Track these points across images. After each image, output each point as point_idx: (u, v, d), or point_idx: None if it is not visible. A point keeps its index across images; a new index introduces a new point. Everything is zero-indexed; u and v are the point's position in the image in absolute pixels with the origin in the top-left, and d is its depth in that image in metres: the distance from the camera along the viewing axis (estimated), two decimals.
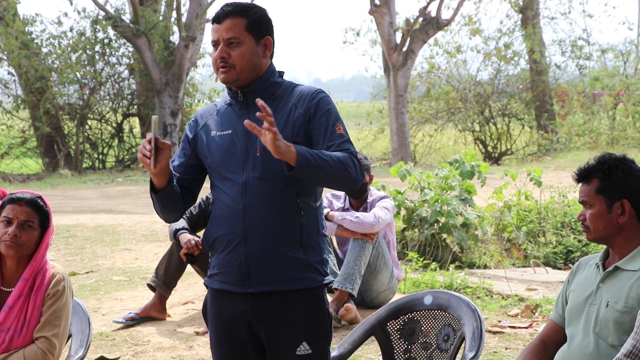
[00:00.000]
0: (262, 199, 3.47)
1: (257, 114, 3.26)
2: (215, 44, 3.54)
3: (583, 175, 3.78)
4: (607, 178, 3.72)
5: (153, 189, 3.52)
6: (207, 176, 3.68)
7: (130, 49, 22.64)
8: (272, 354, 3.57)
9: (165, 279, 6.91)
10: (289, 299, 3.52)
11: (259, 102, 3.27)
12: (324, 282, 3.59)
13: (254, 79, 3.55)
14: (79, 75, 22.31)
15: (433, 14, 21.37)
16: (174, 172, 3.58)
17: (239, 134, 3.52)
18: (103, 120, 23.40)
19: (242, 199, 3.48)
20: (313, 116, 3.50)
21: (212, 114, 3.64)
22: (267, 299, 3.52)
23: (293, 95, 3.56)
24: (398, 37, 21.30)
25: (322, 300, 3.60)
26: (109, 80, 23.24)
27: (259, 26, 3.54)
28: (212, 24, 3.57)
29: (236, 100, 3.59)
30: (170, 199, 3.53)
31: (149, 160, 3.37)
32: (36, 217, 4.22)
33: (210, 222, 3.60)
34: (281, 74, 3.63)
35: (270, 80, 3.58)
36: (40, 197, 4.28)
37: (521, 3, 25.25)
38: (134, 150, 23.54)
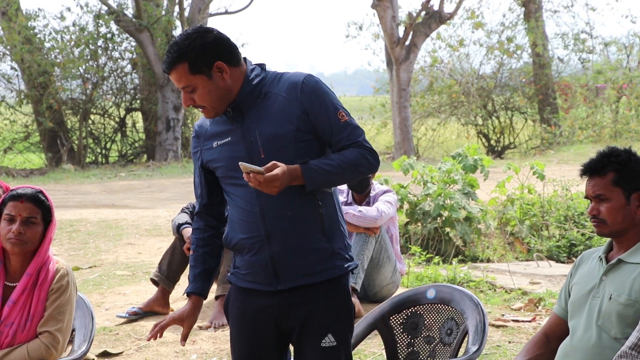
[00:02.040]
0: (278, 198, 3.41)
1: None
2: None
3: (597, 168, 3.70)
4: (623, 170, 3.67)
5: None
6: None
7: (133, 43, 22.64)
8: (297, 346, 3.57)
9: (168, 274, 6.92)
10: (317, 291, 3.51)
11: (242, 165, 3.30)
12: (350, 267, 3.58)
13: (233, 98, 3.48)
14: (81, 70, 22.31)
15: (436, 7, 21.33)
16: (203, 199, 3.66)
17: (238, 139, 3.48)
18: (106, 115, 23.41)
19: (257, 201, 3.45)
20: (310, 110, 3.44)
21: (208, 124, 3.60)
22: (295, 293, 3.51)
23: (281, 87, 3.49)
24: (401, 31, 21.26)
25: (347, 290, 3.59)
26: (112, 74, 23.24)
27: (200, 62, 3.40)
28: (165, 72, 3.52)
29: (227, 116, 3.53)
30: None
31: None
32: (39, 213, 4.22)
33: (228, 226, 3.59)
34: (262, 66, 3.55)
35: (252, 83, 3.48)
36: (41, 192, 4.27)
37: None
38: (137, 144, 23.54)
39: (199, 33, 3.42)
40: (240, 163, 3.29)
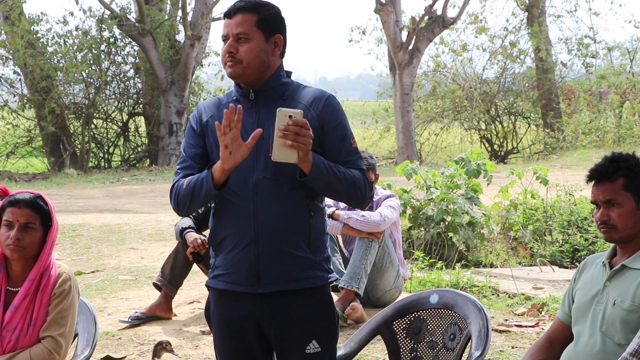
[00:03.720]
0: (274, 200, 3.44)
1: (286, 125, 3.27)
2: (225, 38, 3.50)
3: (607, 174, 3.70)
4: (632, 174, 3.67)
5: (215, 186, 3.42)
6: None
7: (136, 48, 22.65)
8: (281, 353, 3.56)
9: (171, 278, 6.91)
10: (298, 298, 3.51)
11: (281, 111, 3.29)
12: (330, 279, 3.59)
13: (262, 78, 3.51)
14: (84, 75, 22.30)
15: (439, 12, 21.35)
16: (191, 160, 3.57)
17: (249, 133, 3.44)
18: (109, 120, 23.41)
19: (252, 198, 3.45)
20: (327, 124, 3.49)
21: (217, 109, 3.57)
22: (276, 298, 3.50)
23: (304, 97, 3.53)
24: (404, 35, 21.27)
25: (329, 298, 3.60)
26: (115, 79, 23.25)
27: (269, 23, 3.50)
28: (224, 18, 3.54)
29: (246, 99, 3.54)
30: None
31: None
32: (37, 218, 4.19)
33: (217, 221, 3.55)
34: (289, 74, 3.60)
35: (281, 80, 3.54)
36: (40, 197, 4.24)
37: (527, 1, 25.19)
38: (139, 149, 23.56)
39: (274, 6, 3.56)
40: (278, 109, 3.30)
